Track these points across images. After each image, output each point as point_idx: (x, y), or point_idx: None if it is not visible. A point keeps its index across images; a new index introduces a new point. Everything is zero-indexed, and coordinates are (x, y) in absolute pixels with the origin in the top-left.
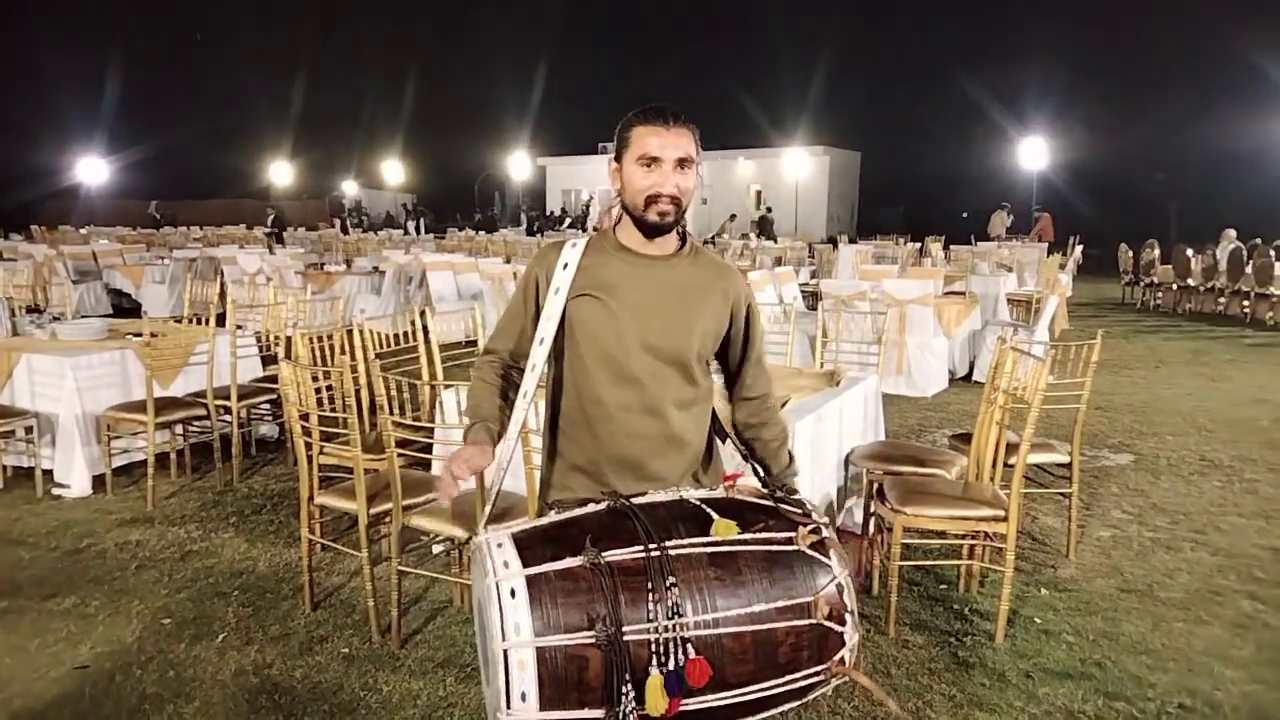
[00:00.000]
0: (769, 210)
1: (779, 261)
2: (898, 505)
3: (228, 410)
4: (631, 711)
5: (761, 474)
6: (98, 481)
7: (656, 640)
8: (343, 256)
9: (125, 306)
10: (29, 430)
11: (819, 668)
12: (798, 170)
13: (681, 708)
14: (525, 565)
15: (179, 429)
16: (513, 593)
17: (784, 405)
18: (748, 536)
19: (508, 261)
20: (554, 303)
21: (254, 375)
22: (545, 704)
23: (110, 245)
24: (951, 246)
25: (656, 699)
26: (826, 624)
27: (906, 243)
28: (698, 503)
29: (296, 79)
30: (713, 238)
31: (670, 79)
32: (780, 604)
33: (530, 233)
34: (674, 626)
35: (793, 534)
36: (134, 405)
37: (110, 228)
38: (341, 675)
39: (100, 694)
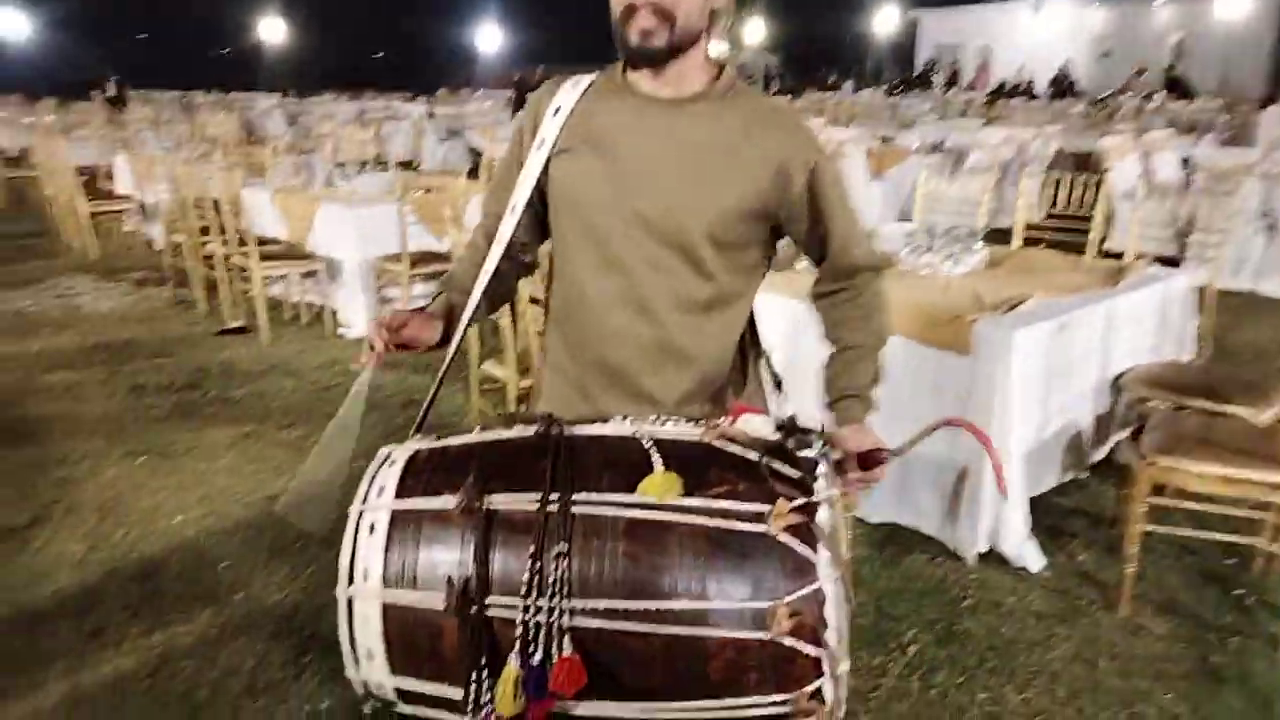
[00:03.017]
0: (1171, 67)
1: (1192, 128)
2: (1149, 452)
3: None
4: (489, 704)
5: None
6: None
7: (527, 623)
8: None
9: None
10: (319, 272)
11: (780, 697)
12: (1232, 12)
13: (565, 710)
14: (398, 495)
15: None
16: (371, 528)
17: (1013, 307)
18: (693, 503)
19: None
20: (534, 159)
21: None
22: (395, 668)
23: (478, 106)
24: None
25: (506, 699)
26: (789, 642)
27: None
28: (649, 444)
29: None
30: (1108, 96)
31: None
32: (717, 604)
33: (890, 94)
34: (552, 609)
35: (766, 508)
36: (395, 256)
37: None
38: None
39: (269, 525)
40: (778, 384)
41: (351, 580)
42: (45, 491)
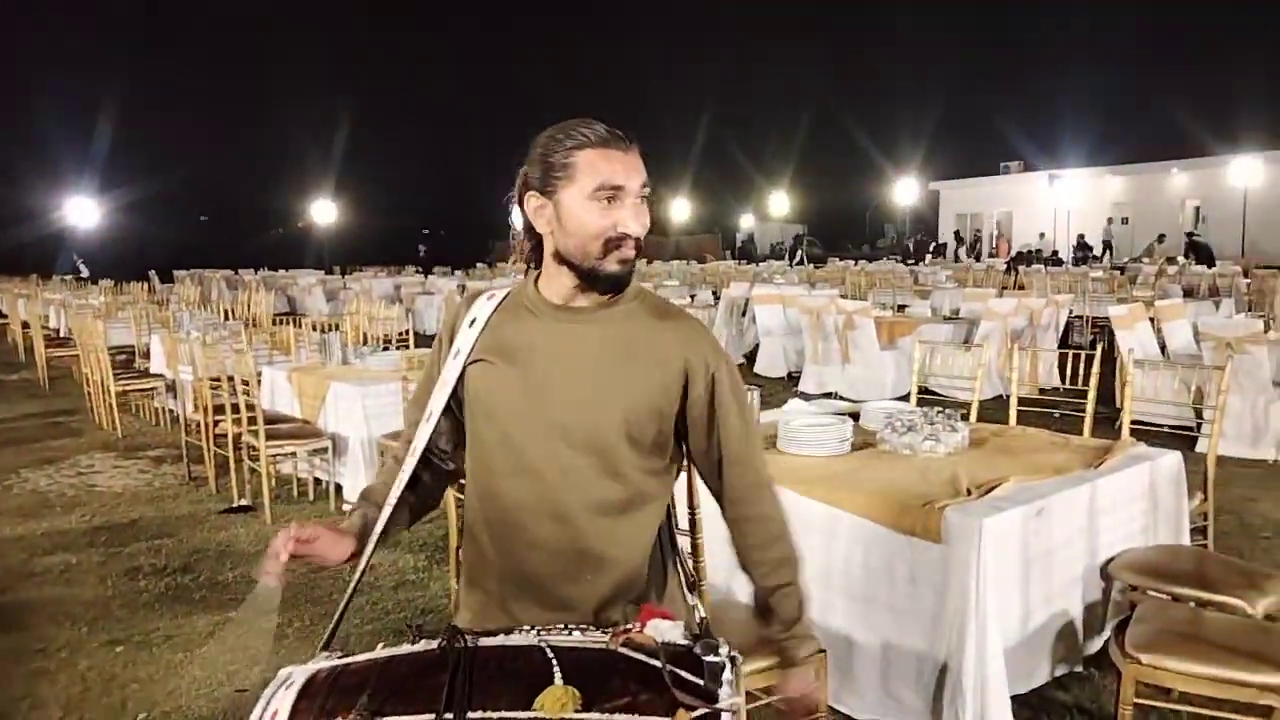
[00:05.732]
0: (1192, 234)
1: (1214, 293)
2: (1132, 648)
3: None
4: None
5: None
6: None
7: None
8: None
9: None
10: (327, 450)
11: None
12: (1250, 180)
13: None
14: None
15: None
16: None
17: (988, 491)
18: (591, 716)
19: (855, 297)
20: (450, 369)
21: None
22: None
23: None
24: None
25: None
26: None
27: None
28: (550, 654)
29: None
30: (1128, 261)
31: (1086, 89)
32: None
33: (905, 262)
34: None
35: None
36: (396, 434)
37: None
38: None
39: None
40: (691, 585)
41: None
42: (17, 685)
